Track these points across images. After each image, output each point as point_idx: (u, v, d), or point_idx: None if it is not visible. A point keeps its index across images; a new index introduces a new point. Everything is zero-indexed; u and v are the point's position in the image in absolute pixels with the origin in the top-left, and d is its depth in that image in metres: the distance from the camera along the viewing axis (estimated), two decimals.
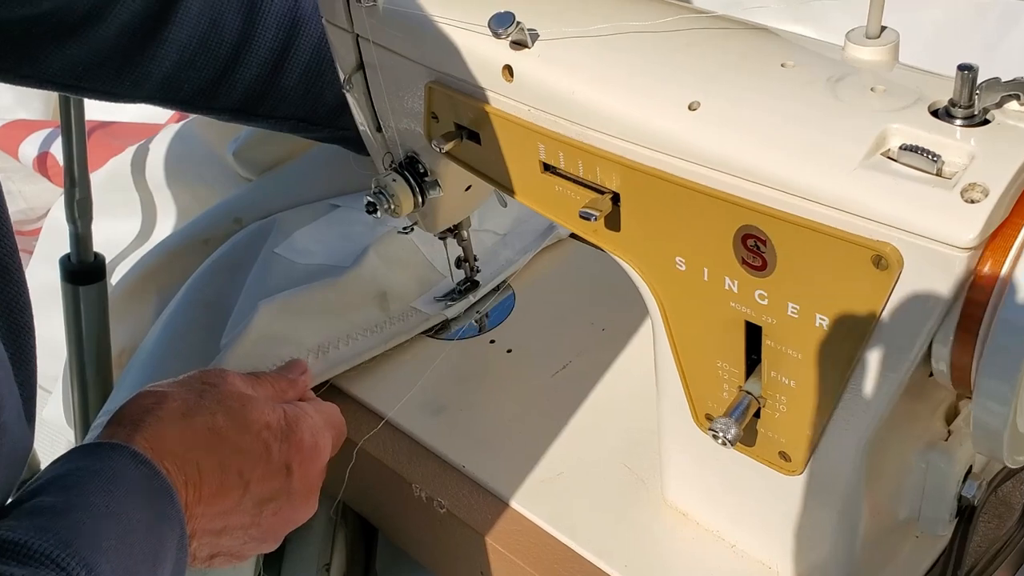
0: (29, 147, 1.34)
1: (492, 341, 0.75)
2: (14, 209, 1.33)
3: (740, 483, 0.53)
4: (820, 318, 0.43)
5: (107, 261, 1.00)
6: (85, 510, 0.42)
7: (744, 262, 0.44)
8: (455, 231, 0.75)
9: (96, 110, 1.36)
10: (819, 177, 0.40)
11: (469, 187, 0.68)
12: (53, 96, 1.39)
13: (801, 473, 0.49)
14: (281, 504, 0.56)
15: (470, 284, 0.78)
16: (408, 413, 0.68)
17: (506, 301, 0.79)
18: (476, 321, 0.77)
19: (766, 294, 0.44)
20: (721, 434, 0.47)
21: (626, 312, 0.74)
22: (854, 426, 0.46)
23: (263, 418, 0.56)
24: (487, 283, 0.79)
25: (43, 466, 1.03)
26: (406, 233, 0.75)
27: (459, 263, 0.77)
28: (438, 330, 0.76)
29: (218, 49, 0.72)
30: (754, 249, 0.43)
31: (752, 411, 0.48)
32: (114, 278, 0.98)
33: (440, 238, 0.75)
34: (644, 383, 0.67)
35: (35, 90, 1.52)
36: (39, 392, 1.13)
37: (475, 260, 0.77)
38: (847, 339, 0.42)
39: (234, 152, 0.95)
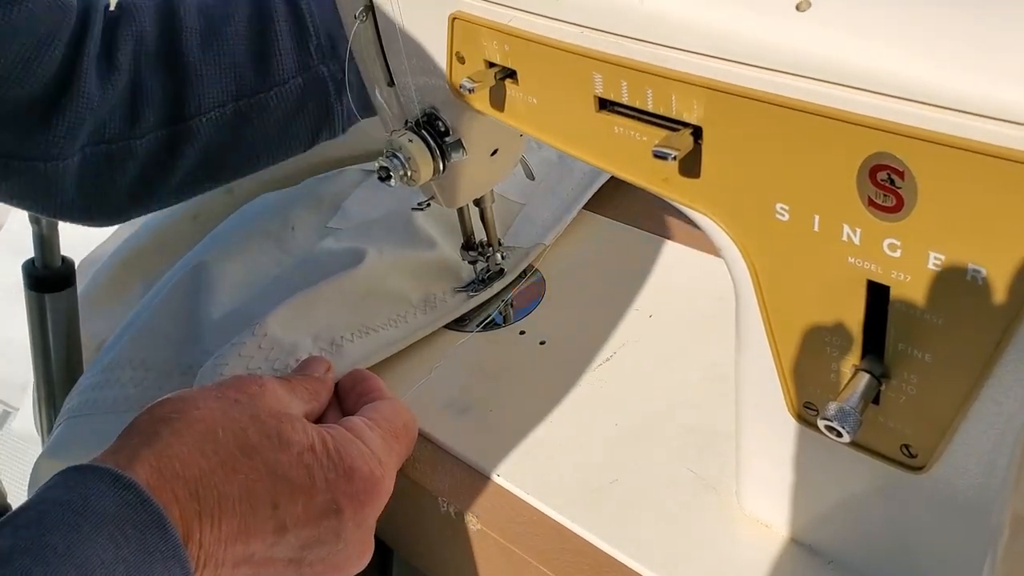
0: None
1: (522, 332, 0.65)
2: None
3: (840, 485, 0.44)
4: (974, 269, 0.33)
5: (92, 250, 0.90)
6: (36, 553, 0.33)
7: (871, 202, 0.35)
8: (476, 208, 0.65)
9: None
10: (984, 84, 0.31)
11: (495, 151, 0.59)
12: None
13: (927, 471, 0.40)
14: (329, 551, 0.44)
15: (493, 271, 0.68)
16: (428, 413, 0.58)
17: (534, 288, 0.69)
18: (500, 311, 0.68)
19: (899, 243, 0.35)
20: (837, 424, 0.37)
21: (676, 295, 0.65)
22: (1007, 411, 0.36)
23: (307, 439, 0.45)
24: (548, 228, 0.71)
25: (3, 482, 0.93)
26: (420, 210, 0.66)
27: (482, 247, 0.68)
28: (457, 320, 0.67)
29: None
30: (886, 184, 0.34)
31: (872, 395, 0.39)
32: (91, 270, 0.88)
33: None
34: (705, 375, 0.58)
35: None
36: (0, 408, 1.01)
37: (500, 245, 0.68)
38: (1010, 296, 0.33)
39: None
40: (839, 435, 0.38)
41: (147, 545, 0.36)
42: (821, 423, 0.38)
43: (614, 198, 0.76)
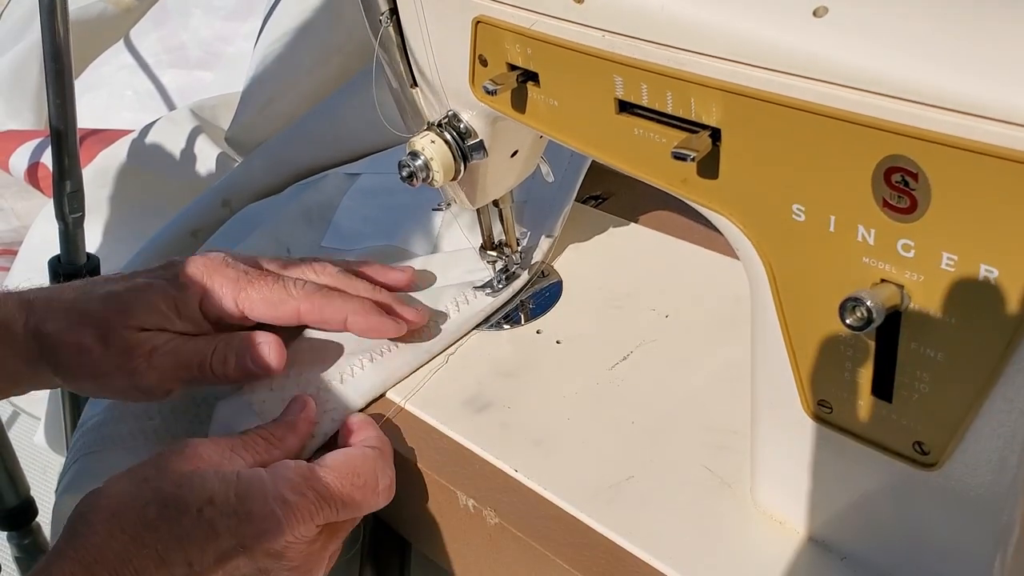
0: (19, 158, 1.27)
1: (538, 331, 0.66)
2: (6, 228, 1.25)
3: (854, 482, 0.45)
4: (987, 270, 0.34)
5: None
6: None
7: (886, 204, 0.35)
8: (495, 208, 0.66)
9: (86, 119, 1.29)
10: (997, 88, 0.32)
11: (515, 152, 0.60)
12: (44, 107, 1.32)
13: (939, 469, 0.41)
14: None
15: (511, 271, 0.69)
16: (447, 410, 0.60)
17: (551, 288, 0.70)
18: (517, 309, 0.69)
19: (912, 243, 0.36)
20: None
21: (693, 296, 0.66)
22: (1018, 408, 0.37)
23: (204, 494, 0.48)
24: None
25: (32, 492, 0.93)
26: (440, 210, 0.67)
27: (501, 247, 0.68)
28: None
29: None
30: (900, 186, 0.35)
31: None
32: None
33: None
34: (720, 374, 0.59)
35: (25, 101, 1.46)
36: (23, 417, 1.03)
37: (518, 245, 0.69)
38: (1022, 295, 0.34)
39: (227, 137, 0.87)
40: None
41: None
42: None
43: (632, 200, 0.77)
